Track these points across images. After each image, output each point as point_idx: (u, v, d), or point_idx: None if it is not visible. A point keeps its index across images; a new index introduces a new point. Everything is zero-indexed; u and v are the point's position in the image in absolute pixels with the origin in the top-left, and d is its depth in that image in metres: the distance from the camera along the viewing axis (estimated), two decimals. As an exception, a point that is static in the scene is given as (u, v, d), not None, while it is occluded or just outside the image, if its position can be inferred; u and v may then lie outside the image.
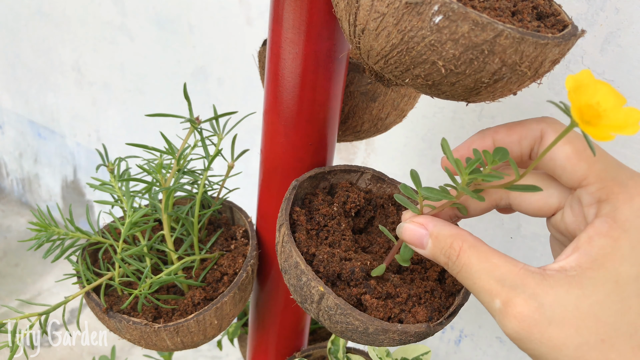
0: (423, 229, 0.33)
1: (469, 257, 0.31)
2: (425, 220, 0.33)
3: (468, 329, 0.88)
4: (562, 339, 0.27)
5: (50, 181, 1.57)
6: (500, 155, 0.30)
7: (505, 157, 0.30)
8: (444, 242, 0.32)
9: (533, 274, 0.29)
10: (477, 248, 0.31)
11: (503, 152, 0.30)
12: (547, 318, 0.28)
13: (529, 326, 0.28)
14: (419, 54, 0.29)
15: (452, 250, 0.31)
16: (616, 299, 0.27)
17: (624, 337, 0.27)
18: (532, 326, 0.28)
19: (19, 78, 1.43)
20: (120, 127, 1.27)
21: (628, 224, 0.28)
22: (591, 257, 0.28)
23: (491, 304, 0.30)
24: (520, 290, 0.28)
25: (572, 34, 0.31)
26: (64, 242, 0.49)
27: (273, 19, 0.41)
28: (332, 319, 0.36)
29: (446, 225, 0.33)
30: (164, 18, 1.03)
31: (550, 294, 0.28)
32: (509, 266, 0.29)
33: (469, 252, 0.31)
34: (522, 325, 0.28)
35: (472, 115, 0.71)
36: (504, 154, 0.30)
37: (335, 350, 0.55)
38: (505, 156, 0.30)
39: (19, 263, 1.48)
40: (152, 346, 0.47)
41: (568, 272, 0.28)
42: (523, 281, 0.28)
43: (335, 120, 0.46)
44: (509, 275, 0.29)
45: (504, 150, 0.30)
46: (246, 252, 0.50)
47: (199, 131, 0.48)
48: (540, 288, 0.28)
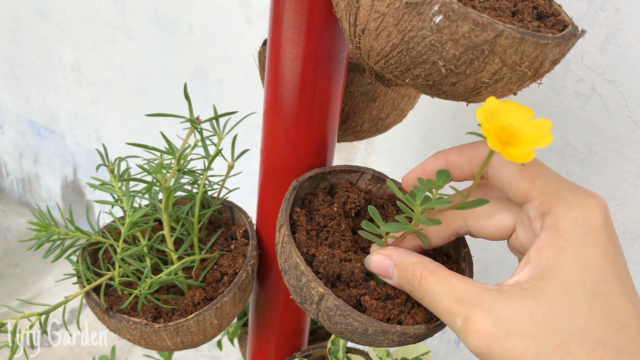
0: (388, 259, 0.36)
1: (430, 282, 0.33)
2: (390, 252, 0.36)
3: (468, 329, 0.87)
4: (520, 349, 0.29)
5: (50, 181, 1.57)
6: (443, 178, 0.32)
7: (447, 180, 0.32)
8: (407, 270, 0.34)
9: (490, 291, 0.30)
10: (436, 273, 0.33)
11: (445, 174, 0.32)
12: (504, 331, 0.29)
13: (489, 340, 0.29)
14: (419, 54, 0.29)
15: (414, 277, 0.34)
16: (566, 305, 0.29)
17: (577, 341, 0.28)
18: (491, 340, 0.29)
19: (18, 78, 1.43)
20: (120, 127, 1.27)
21: (569, 233, 0.30)
22: (540, 268, 0.30)
23: (453, 323, 0.31)
24: (478, 307, 0.30)
25: (572, 34, 0.31)
26: (64, 242, 0.49)
27: (273, 19, 0.41)
28: (332, 320, 0.36)
29: (408, 255, 0.35)
30: (164, 18, 1.03)
31: (507, 308, 0.29)
32: (467, 286, 0.31)
33: (429, 278, 0.33)
34: (482, 340, 0.30)
35: (472, 115, 0.71)
36: (446, 177, 0.32)
37: (335, 350, 0.55)
38: (447, 179, 0.32)
39: (19, 263, 1.48)
40: (152, 346, 0.47)
41: (522, 285, 0.30)
42: (480, 298, 0.30)
43: (335, 120, 0.46)
44: (467, 295, 0.31)
45: (446, 172, 0.32)
46: (246, 252, 0.50)
47: (199, 131, 0.48)
48: (496, 303, 0.30)
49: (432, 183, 0.32)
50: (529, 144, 0.28)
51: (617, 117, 0.60)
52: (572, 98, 0.62)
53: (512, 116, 0.29)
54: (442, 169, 0.33)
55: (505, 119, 0.29)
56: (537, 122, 0.29)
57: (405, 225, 0.34)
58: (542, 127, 0.28)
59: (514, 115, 0.29)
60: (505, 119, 0.29)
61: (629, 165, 0.62)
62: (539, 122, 0.29)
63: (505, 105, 0.29)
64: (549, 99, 0.64)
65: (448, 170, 0.34)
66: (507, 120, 0.29)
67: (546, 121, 0.29)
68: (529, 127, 0.29)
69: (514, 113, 0.29)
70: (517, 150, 0.27)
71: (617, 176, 0.63)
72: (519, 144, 0.28)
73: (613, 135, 0.61)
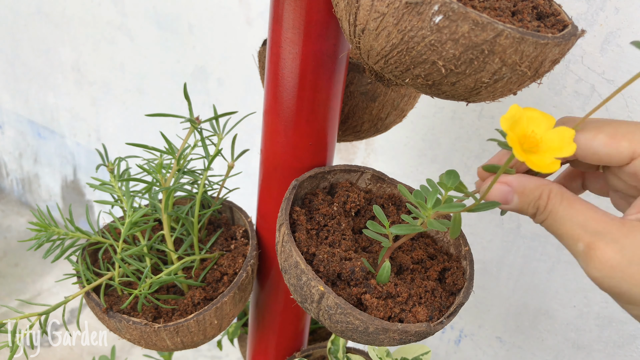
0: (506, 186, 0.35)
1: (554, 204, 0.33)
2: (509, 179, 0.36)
3: (468, 329, 0.88)
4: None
5: (50, 181, 1.57)
6: (452, 179, 0.33)
7: (456, 181, 0.32)
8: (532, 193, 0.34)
9: (614, 221, 0.32)
10: (562, 194, 0.33)
11: (454, 175, 0.33)
12: (628, 259, 0.30)
13: (612, 266, 0.31)
14: (419, 54, 0.29)
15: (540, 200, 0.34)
16: None
17: None
18: (614, 266, 0.31)
19: (18, 78, 1.43)
20: (120, 127, 1.27)
21: None
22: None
23: (575, 247, 0.32)
24: (601, 235, 0.31)
25: (572, 34, 0.31)
26: (64, 242, 0.49)
27: (273, 19, 0.41)
28: (332, 319, 0.36)
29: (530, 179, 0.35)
30: (164, 18, 1.03)
31: (630, 238, 0.31)
32: (592, 212, 0.32)
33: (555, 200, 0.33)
34: (605, 266, 0.31)
35: (472, 115, 0.72)
36: (455, 178, 0.33)
37: (335, 350, 0.55)
38: (456, 180, 0.32)
39: (19, 263, 1.48)
40: (152, 346, 0.47)
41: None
42: (604, 227, 0.32)
43: (335, 120, 0.46)
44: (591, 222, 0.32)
45: (455, 173, 0.33)
46: (246, 252, 0.50)
47: (199, 131, 0.48)
48: (620, 233, 0.31)
49: (442, 185, 0.33)
50: (552, 153, 0.28)
51: (617, 117, 0.60)
52: (572, 98, 0.62)
53: (534, 124, 0.29)
54: (451, 170, 0.33)
55: (527, 126, 0.29)
56: (559, 130, 0.29)
57: (414, 226, 0.34)
58: (564, 136, 0.29)
59: (536, 123, 0.29)
60: (528, 127, 0.29)
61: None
62: (561, 130, 0.29)
63: (527, 113, 0.29)
64: (549, 99, 0.64)
65: (456, 171, 0.34)
66: (529, 128, 0.29)
67: (568, 129, 0.29)
68: (550, 135, 0.29)
69: (535, 120, 0.29)
70: (540, 158, 0.28)
71: (617, 176, 0.63)
72: (540, 152, 0.28)
73: (613, 135, 0.61)
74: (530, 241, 0.74)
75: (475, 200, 0.33)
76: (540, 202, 0.34)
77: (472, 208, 0.32)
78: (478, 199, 0.33)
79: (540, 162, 0.27)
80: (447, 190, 0.33)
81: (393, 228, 0.34)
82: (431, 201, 0.32)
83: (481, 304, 0.83)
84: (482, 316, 0.85)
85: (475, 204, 0.33)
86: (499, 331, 0.84)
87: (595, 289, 0.71)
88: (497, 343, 0.85)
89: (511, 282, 0.79)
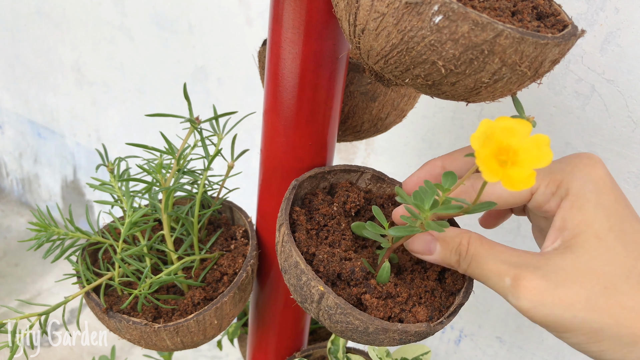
0: (429, 235, 0.37)
1: (476, 247, 0.35)
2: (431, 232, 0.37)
3: (468, 329, 0.88)
4: (571, 296, 0.31)
5: (50, 181, 1.57)
6: (450, 181, 0.32)
7: (454, 182, 0.32)
8: (453, 241, 0.36)
9: (532, 254, 0.33)
10: (481, 239, 0.35)
11: (452, 176, 0.32)
12: (553, 282, 0.31)
13: (540, 293, 0.31)
14: (419, 54, 0.29)
15: (461, 246, 0.35)
16: (602, 250, 0.32)
17: (622, 279, 0.31)
18: (542, 292, 0.31)
19: (18, 78, 1.43)
20: (120, 127, 1.27)
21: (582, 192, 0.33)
22: (569, 230, 0.33)
23: (501, 283, 0.33)
24: (525, 265, 0.32)
25: (572, 34, 0.31)
26: (64, 242, 0.49)
27: (273, 18, 0.41)
28: (332, 319, 0.36)
29: (450, 228, 0.36)
30: (164, 18, 1.03)
31: (550, 264, 0.32)
32: (511, 251, 0.34)
33: (475, 244, 0.35)
34: (533, 294, 0.31)
35: (472, 115, 0.72)
36: (452, 179, 0.32)
37: (335, 350, 0.55)
38: (454, 181, 0.32)
39: (18, 263, 1.48)
40: (152, 346, 0.47)
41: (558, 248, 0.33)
42: (525, 260, 0.33)
43: (335, 120, 0.46)
44: (512, 257, 0.33)
45: (453, 174, 0.32)
46: (246, 252, 0.50)
47: (199, 131, 0.48)
48: (541, 261, 0.32)
49: (439, 187, 0.32)
50: (530, 163, 0.27)
51: (617, 117, 0.60)
52: (572, 98, 0.62)
53: (508, 133, 0.28)
54: (449, 172, 0.33)
55: (502, 137, 0.28)
56: (535, 138, 0.28)
57: (414, 229, 0.34)
58: (540, 144, 0.28)
59: (511, 132, 0.28)
60: (503, 138, 0.28)
61: (629, 165, 0.62)
62: (537, 138, 0.28)
63: (500, 123, 0.28)
64: (549, 99, 0.64)
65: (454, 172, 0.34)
66: (505, 140, 0.28)
67: (543, 136, 0.28)
68: (527, 144, 0.28)
69: (510, 129, 0.28)
70: (519, 172, 0.27)
71: (617, 176, 0.63)
72: (519, 162, 0.27)
73: (613, 135, 0.61)
74: (531, 241, 0.74)
75: (469, 204, 0.33)
76: (461, 247, 0.35)
77: (468, 210, 0.32)
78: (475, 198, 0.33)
79: (519, 176, 0.26)
80: (444, 192, 0.32)
81: (391, 230, 0.34)
82: (428, 203, 0.32)
83: (481, 304, 0.83)
84: (482, 316, 0.85)
85: (471, 205, 0.33)
86: (499, 331, 0.84)
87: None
88: (497, 343, 0.85)
89: (511, 282, 0.79)
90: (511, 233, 0.75)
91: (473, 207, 0.32)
